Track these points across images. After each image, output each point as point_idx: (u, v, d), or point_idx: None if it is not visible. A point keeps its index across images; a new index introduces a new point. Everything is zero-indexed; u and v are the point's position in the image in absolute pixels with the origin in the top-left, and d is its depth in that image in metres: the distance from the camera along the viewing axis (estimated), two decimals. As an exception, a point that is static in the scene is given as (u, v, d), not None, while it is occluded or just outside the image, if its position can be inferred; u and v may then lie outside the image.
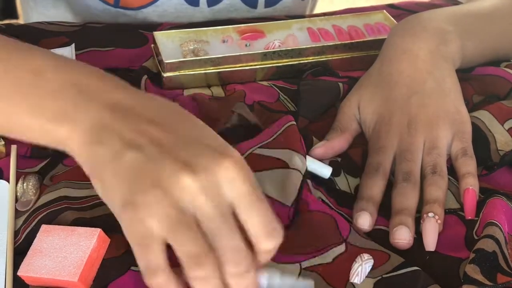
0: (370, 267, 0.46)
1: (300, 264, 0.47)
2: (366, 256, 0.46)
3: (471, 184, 0.51)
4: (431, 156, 0.52)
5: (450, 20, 0.60)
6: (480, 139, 0.56)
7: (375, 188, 0.51)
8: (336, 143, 0.56)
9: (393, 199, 0.51)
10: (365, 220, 0.49)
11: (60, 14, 0.82)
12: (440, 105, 0.54)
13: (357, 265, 0.46)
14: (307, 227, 0.49)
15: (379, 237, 0.49)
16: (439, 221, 0.49)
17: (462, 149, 0.53)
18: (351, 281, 0.45)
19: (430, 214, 0.49)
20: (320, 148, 0.55)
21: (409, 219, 0.49)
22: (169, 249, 0.36)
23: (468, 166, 0.52)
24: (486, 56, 0.64)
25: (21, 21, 1.02)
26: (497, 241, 0.45)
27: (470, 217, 0.50)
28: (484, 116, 0.59)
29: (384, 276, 0.46)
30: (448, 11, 0.62)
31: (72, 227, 0.46)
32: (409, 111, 0.54)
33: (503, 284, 0.43)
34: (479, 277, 0.44)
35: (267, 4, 0.78)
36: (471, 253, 0.46)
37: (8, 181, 0.52)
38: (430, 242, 0.48)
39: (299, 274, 0.46)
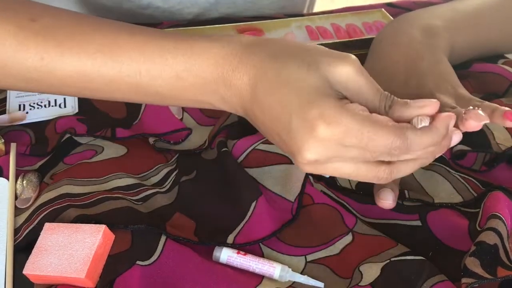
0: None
1: (305, 257, 0.47)
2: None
3: (506, 109, 0.46)
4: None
5: (438, 16, 0.61)
6: (479, 137, 0.57)
7: None
8: None
9: None
10: (388, 194, 0.48)
11: (63, 4, 0.81)
12: (437, 84, 0.53)
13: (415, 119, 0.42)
14: (312, 220, 0.49)
15: (384, 230, 0.50)
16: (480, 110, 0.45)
17: (474, 105, 0.49)
18: (419, 126, 0.42)
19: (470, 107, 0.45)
20: None
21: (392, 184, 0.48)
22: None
23: (491, 105, 0.48)
24: (476, 49, 0.65)
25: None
26: (499, 234, 0.46)
27: None
28: None
29: (392, 259, 0.46)
30: (436, 8, 0.63)
31: (77, 224, 0.46)
32: (409, 93, 0.54)
33: (503, 277, 0.43)
34: (479, 270, 0.44)
35: None
36: (472, 246, 0.46)
37: (8, 179, 0.52)
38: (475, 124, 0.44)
39: (304, 267, 0.47)
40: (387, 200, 0.49)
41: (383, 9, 0.72)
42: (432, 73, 0.54)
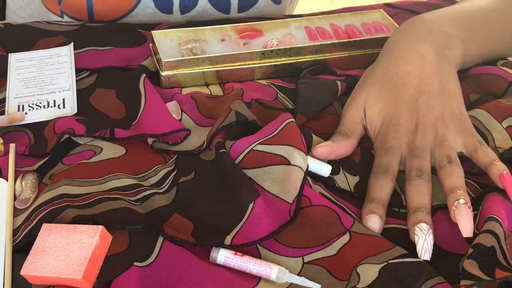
0: (433, 237, 0.46)
1: (302, 258, 0.47)
2: (424, 226, 0.47)
3: (502, 169, 0.51)
4: (444, 148, 0.53)
5: (454, 24, 0.61)
6: None
7: (384, 190, 0.51)
8: (342, 148, 0.55)
9: (408, 196, 0.51)
10: (375, 223, 0.50)
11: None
12: (445, 106, 0.55)
13: (421, 240, 0.46)
14: (309, 222, 0.49)
15: (382, 233, 0.50)
16: (470, 207, 0.48)
17: (474, 145, 0.53)
18: (422, 259, 0.46)
19: (461, 201, 0.48)
20: (324, 147, 0.55)
21: (427, 217, 0.49)
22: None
23: (490, 154, 0.52)
24: (483, 58, 0.66)
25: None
26: (496, 236, 0.46)
27: None
28: (482, 115, 0.59)
29: (390, 262, 0.46)
30: (452, 14, 0.63)
31: (74, 225, 0.46)
32: (417, 111, 0.55)
33: (501, 279, 0.43)
34: (477, 272, 0.44)
35: (240, 9, 0.78)
36: (470, 248, 0.46)
37: (7, 180, 0.52)
38: (468, 228, 0.47)
39: (302, 268, 0.47)
40: (374, 229, 0.50)
41: (382, 10, 0.72)
42: (440, 96, 0.55)
